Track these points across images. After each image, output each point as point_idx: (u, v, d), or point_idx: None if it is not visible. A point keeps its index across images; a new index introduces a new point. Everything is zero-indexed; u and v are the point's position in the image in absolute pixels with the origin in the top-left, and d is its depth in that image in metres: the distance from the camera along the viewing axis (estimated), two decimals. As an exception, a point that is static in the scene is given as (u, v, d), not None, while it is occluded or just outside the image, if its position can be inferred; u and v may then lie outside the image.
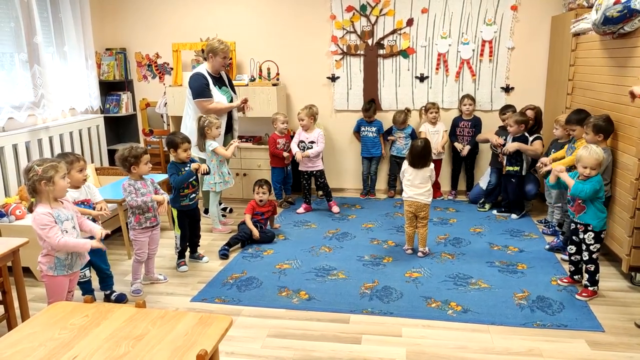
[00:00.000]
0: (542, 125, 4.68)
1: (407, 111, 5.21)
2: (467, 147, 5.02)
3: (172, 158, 3.68)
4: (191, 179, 3.64)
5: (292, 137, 5.18)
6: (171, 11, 5.52)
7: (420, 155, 3.66)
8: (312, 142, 4.77)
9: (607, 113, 3.51)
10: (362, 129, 5.28)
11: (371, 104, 5.23)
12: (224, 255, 3.88)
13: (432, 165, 3.72)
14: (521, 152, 4.43)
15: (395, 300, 3.15)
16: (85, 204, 3.06)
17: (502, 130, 4.73)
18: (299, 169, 4.90)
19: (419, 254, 3.81)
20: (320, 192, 5.13)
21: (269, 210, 4.25)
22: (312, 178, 4.92)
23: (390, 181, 5.46)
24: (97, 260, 3.12)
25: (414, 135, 5.22)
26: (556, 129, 4.09)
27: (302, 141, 4.78)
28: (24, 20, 4.26)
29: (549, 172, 3.87)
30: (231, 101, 4.56)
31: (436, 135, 5.11)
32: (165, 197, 3.32)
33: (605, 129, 3.38)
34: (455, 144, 5.10)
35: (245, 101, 4.52)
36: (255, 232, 4.05)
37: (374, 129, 5.24)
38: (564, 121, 3.99)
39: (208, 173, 3.84)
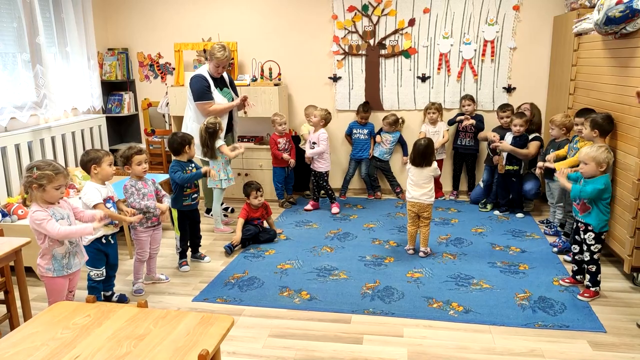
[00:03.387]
0: (540, 124, 4.68)
1: (402, 121, 5.25)
2: (472, 121, 4.95)
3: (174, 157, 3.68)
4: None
5: (293, 137, 5.19)
6: (173, 11, 5.52)
7: (422, 154, 3.67)
8: (314, 142, 4.79)
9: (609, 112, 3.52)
10: (355, 131, 5.26)
11: (367, 105, 5.24)
12: (229, 249, 3.91)
13: (434, 164, 3.72)
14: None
15: (396, 301, 3.15)
16: (111, 200, 3.05)
17: (501, 130, 4.73)
18: (311, 166, 4.95)
19: (421, 253, 3.81)
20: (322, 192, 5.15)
21: (262, 213, 4.20)
22: (317, 177, 4.93)
23: (371, 182, 5.43)
24: (113, 255, 3.12)
25: (401, 140, 5.24)
26: (552, 129, 4.10)
27: (310, 141, 4.84)
28: (27, 21, 4.27)
29: (552, 170, 3.88)
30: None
31: (436, 136, 5.10)
32: (167, 203, 3.36)
33: (601, 125, 3.39)
34: (459, 117, 5.03)
35: (245, 99, 4.50)
36: (238, 237, 4.00)
37: (366, 131, 5.24)
38: (559, 121, 4.03)
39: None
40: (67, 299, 2.69)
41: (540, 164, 3.96)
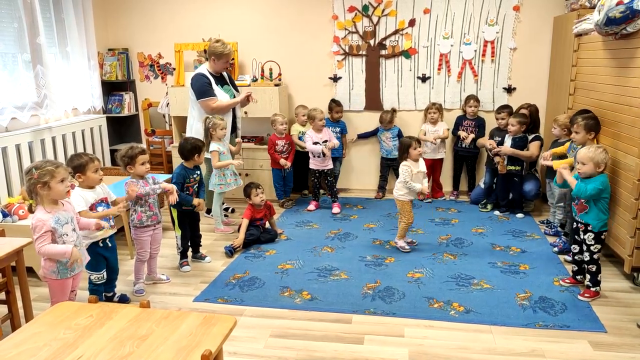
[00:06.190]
0: (539, 123, 4.68)
1: (393, 111, 5.21)
2: (472, 136, 5.00)
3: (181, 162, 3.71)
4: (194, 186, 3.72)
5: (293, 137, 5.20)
6: (173, 11, 5.52)
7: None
8: (326, 140, 4.78)
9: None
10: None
11: (337, 102, 5.25)
12: (229, 252, 3.90)
13: (402, 169, 3.76)
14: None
15: (397, 301, 3.15)
16: (104, 202, 3.04)
17: (498, 131, 4.73)
18: (310, 167, 4.89)
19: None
20: (323, 191, 5.14)
21: (266, 213, 4.21)
22: (323, 177, 4.90)
23: (380, 182, 5.45)
24: (112, 259, 3.11)
25: (400, 135, 5.22)
26: (554, 128, 4.11)
27: (316, 142, 4.75)
28: (27, 21, 4.27)
29: (550, 169, 3.88)
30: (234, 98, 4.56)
31: (436, 135, 5.11)
32: (174, 186, 3.37)
33: (595, 126, 3.45)
34: (460, 132, 5.06)
35: (248, 94, 4.49)
36: (241, 240, 3.99)
37: (337, 129, 5.22)
38: (562, 121, 4.03)
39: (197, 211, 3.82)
40: (69, 299, 2.69)
41: (545, 153, 3.95)
